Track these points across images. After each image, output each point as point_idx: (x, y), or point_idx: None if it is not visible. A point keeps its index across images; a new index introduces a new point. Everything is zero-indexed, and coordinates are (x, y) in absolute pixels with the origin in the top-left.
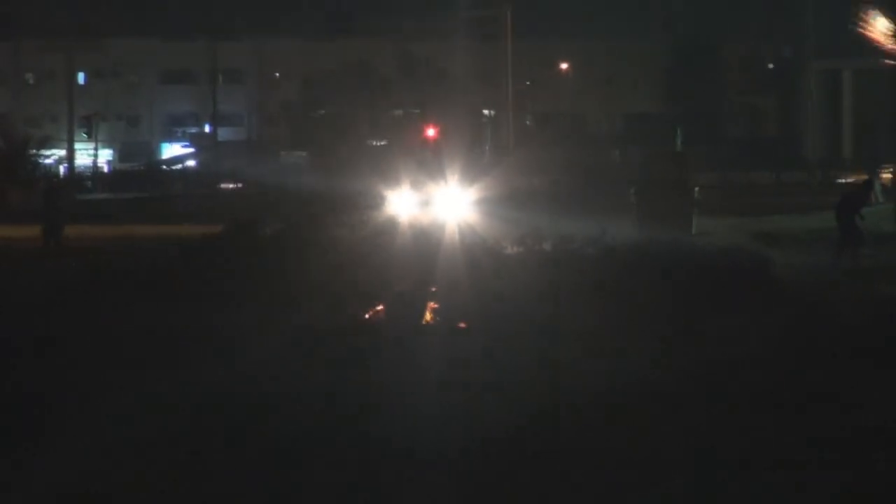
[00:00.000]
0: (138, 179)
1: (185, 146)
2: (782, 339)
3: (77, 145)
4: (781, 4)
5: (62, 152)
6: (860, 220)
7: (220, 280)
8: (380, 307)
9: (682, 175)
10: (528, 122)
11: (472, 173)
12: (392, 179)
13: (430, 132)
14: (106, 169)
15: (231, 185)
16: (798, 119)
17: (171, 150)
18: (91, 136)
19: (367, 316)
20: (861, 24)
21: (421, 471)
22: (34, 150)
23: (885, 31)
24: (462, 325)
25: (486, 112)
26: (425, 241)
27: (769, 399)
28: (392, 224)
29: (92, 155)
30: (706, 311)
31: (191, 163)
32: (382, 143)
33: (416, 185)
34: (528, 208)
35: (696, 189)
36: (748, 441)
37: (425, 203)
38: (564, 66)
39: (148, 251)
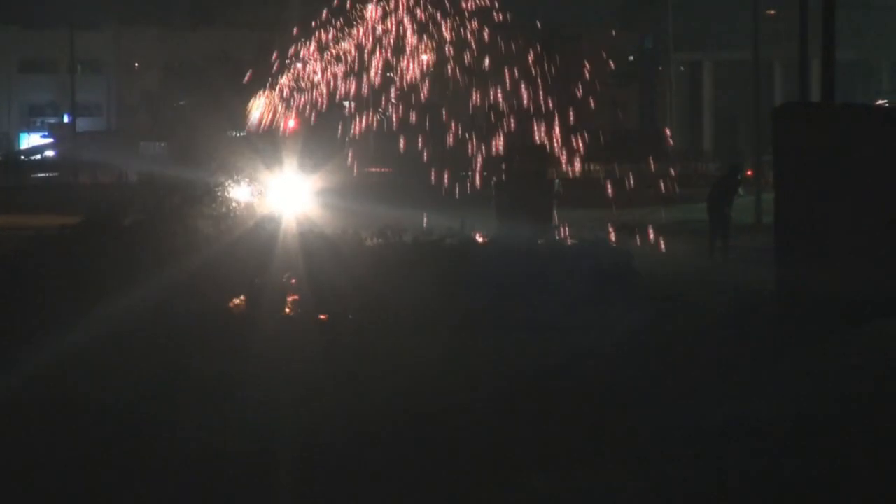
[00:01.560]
0: None
1: (45, 136)
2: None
3: None
4: None
5: None
6: (729, 209)
7: (73, 270)
8: (240, 298)
9: (542, 167)
10: (386, 114)
11: (332, 165)
12: (251, 170)
13: (291, 122)
14: None
15: (90, 176)
16: (659, 111)
17: (29, 140)
18: None
19: (228, 306)
20: None
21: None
22: None
23: None
24: (322, 316)
25: (346, 103)
26: (286, 232)
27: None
28: (253, 217)
29: None
30: (560, 304)
31: (50, 153)
32: (242, 133)
33: (271, 175)
34: (388, 201)
35: (557, 181)
36: None
37: (285, 193)
38: (425, 57)
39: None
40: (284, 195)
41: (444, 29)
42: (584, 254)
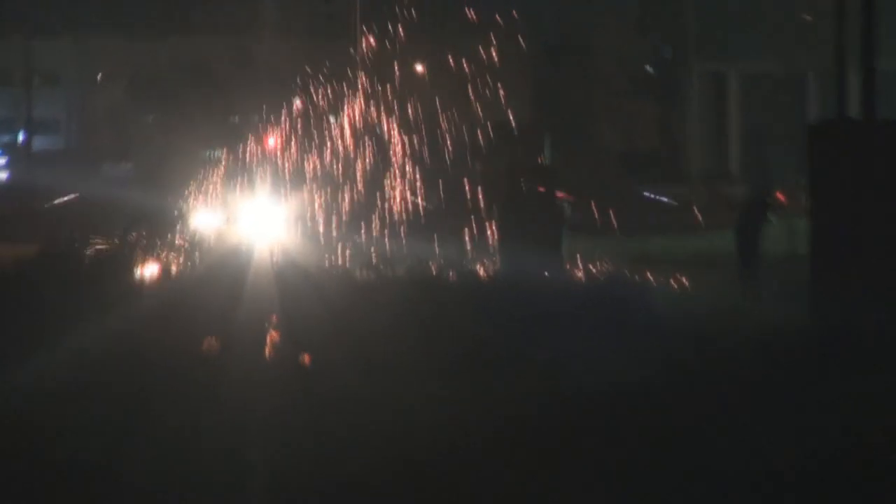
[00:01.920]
0: None
1: None
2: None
3: None
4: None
5: None
6: (759, 238)
7: (26, 307)
8: (212, 339)
9: (550, 191)
10: (377, 132)
11: (319, 188)
12: (228, 195)
13: (271, 141)
14: None
15: (47, 201)
16: (679, 127)
17: None
18: None
19: (198, 347)
20: None
21: None
22: None
23: None
24: (303, 359)
25: (332, 119)
26: (263, 265)
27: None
28: (226, 247)
29: None
30: (569, 345)
31: (1, 175)
32: (218, 153)
33: (253, 200)
34: (388, 228)
35: (567, 206)
36: None
37: (265, 219)
38: (419, 68)
39: None
40: (260, 222)
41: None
42: (597, 288)
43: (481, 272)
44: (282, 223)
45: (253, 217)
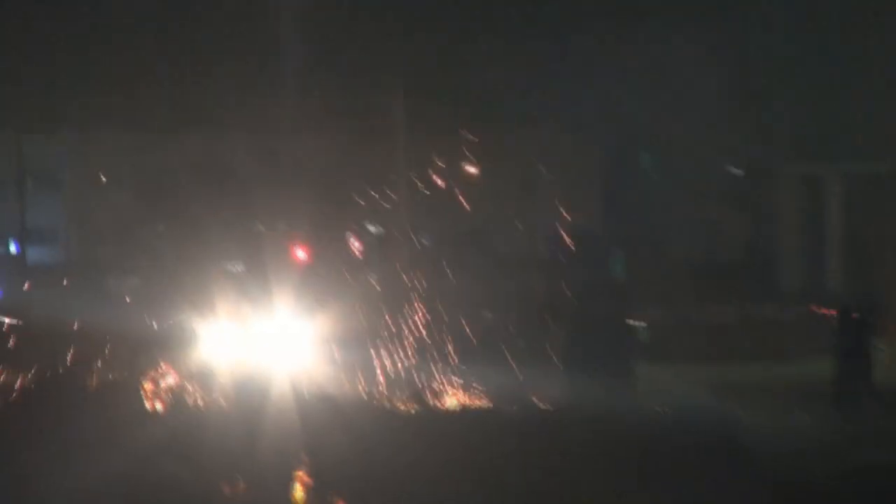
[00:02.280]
0: None
1: None
2: None
3: None
4: (747, 93)
5: None
6: (864, 367)
7: (20, 446)
8: (231, 484)
9: (621, 310)
10: (424, 242)
11: (353, 305)
12: (249, 314)
13: (301, 254)
14: None
15: (43, 323)
16: (769, 237)
17: None
18: None
19: (217, 494)
20: None
21: None
22: None
23: None
24: None
25: (371, 228)
26: (294, 391)
27: None
28: (251, 372)
29: None
30: (646, 488)
31: None
32: (239, 267)
33: (280, 319)
34: (431, 348)
35: (641, 328)
36: None
37: (292, 341)
38: (472, 168)
39: None
40: (287, 343)
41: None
42: (677, 422)
43: (543, 403)
44: (311, 345)
45: (278, 339)
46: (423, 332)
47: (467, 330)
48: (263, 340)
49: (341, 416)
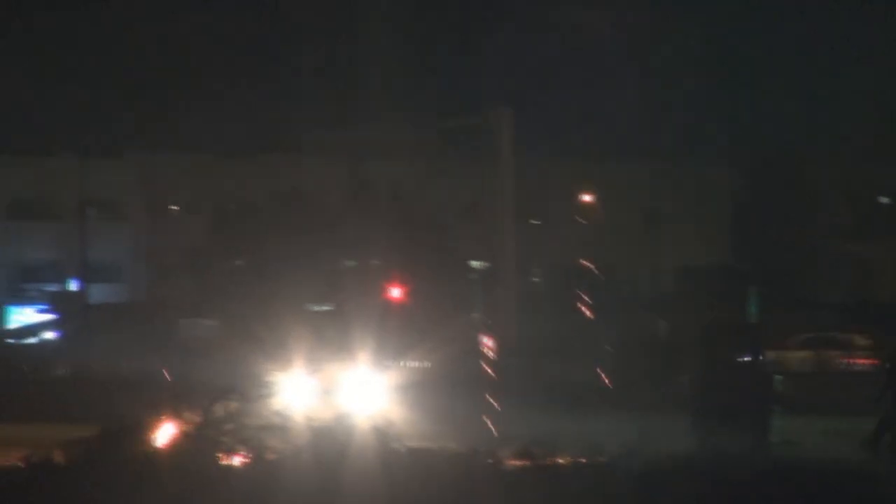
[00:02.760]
0: None
1: (43, 311)
2: None
3: None
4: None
5: None
6: None
7: None
8: None
9: (756, 355)
10: (534, 279)
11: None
12: (336, 359)
13: (396, 292)
14: None
15: (108, 367)
16: None
17: (20, 315)
18: None
19: None
20: None
21: None
22: None
23: None
24: None
25: (474, 264)
26: (376, 449)
27: None
28: (331, 425)
29: None
30: None
31: (49, 335)
32: (326, 308)
33: (370, 363)
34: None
35: (778, 377)
36: None
37: (385, 385)
38: (590, 198)
39: None
40: (376, 391)
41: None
42: (833, 478)
43: (676, 464)
44: (403, 391)
45: (366, 385)
46: (533, 377)
47: (584, 374)
48: (350, 387)
49: (437, 472)
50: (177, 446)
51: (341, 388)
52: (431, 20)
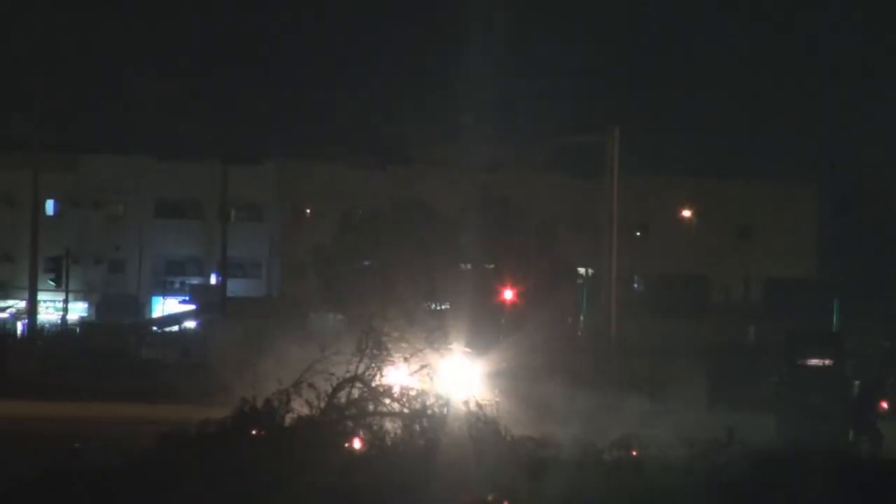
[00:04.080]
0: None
1: (185, 301)
2: None
3: (41, 295)
4: None
5: (22, 303)
6: None
7: (216, 482)
8: None
9: (839, 363)
10: (636, 286)
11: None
12: (455, 356)
13: (508, 294)
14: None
15: (240, 354)
16: None
17: (164, 305)
18: (60, 284)
19: None
20: None
21: None
22: None
23: None
24: None
25: (581, 271)
26: (494, 441)
27: None
28: (451, 416)
29: (60, 309)
30: None
31: (191, 324)
32: (444, 306)
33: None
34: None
35: (858, 383)
36: None
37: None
38: (687, 212)
39: (120, 443)
40: (481, 385)
41: None
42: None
43: (763, 458)
44: (510, 385)
45: (475, 380)
46: (632, 376)
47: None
48: (458, 378)
49: (540, 462)
50: (301, 429)
51: (453, 379)
52: (550, 40)
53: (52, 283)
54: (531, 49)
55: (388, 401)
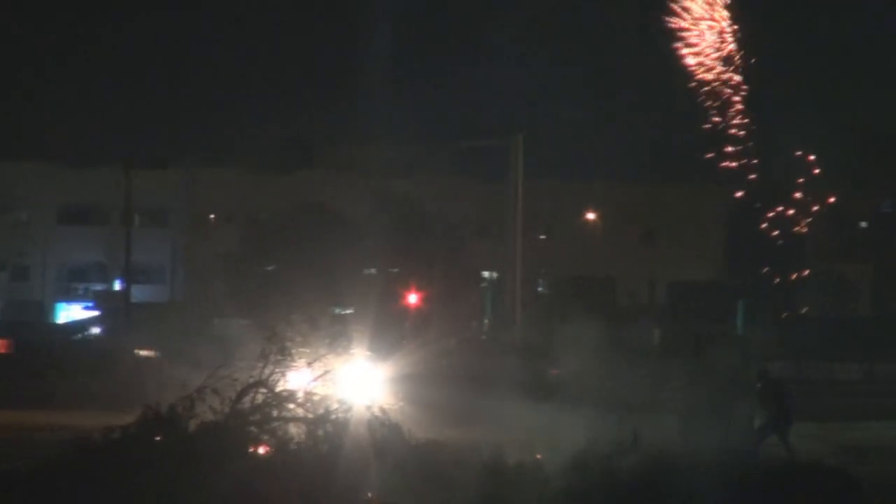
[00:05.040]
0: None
1: (88, 308)
2: None
3: None
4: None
5: None
6: None
7: (118, 491)
8: None
9: (742, 365)
10: (540, 289)
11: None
12: (360, 359)
13: (412, 298)
14: None
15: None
16: None
17: (68, 312)
18: None
19: None
20: None
21: None
22: None
23: None
24: None
25: (485, 274)
26: (402, 447)
27: None
28: (363, 420)
29: None
30: None
31: (95, 330)
32: (348, 311)
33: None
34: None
35: (759, 385)
36: None
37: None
38: (591, 215)
39: (33, 449)
40: (372, 383)
41: None
42: (797, 483)
43: (661, 460)
44: (408, 387)
45: (380, 382)
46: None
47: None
48: (360, 382)
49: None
50: (205, 435)
51: (356, 383)
52: (453, 42)
53: None
54: (443, 53)
55: (291, 406)
